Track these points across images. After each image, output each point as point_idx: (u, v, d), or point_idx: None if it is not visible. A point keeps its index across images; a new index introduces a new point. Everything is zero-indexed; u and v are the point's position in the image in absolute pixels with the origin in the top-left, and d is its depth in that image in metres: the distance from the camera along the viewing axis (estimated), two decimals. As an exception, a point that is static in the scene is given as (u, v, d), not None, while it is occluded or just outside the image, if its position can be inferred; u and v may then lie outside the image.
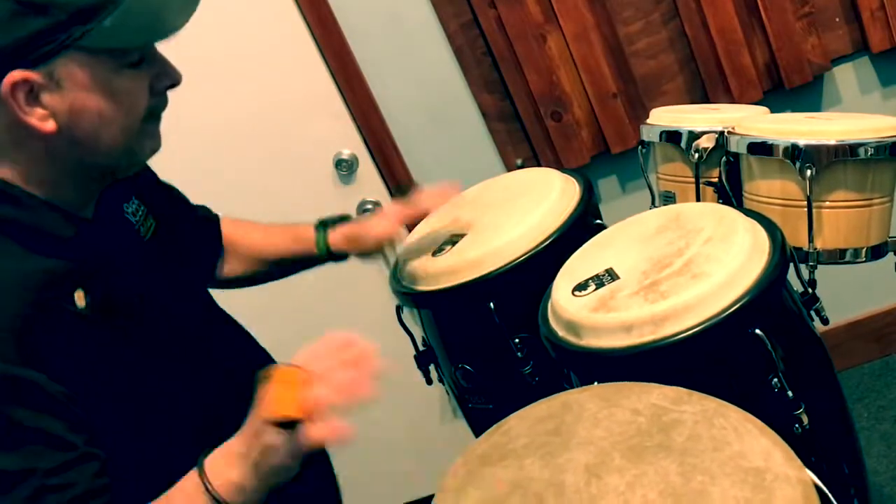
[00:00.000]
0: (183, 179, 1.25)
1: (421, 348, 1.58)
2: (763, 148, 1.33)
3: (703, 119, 1.55)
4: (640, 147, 1.71)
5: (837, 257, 1.35)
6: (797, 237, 1.33)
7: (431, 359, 1.57)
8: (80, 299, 0.96)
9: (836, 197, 1.31)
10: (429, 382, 1.60)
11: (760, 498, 0.75)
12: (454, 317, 1.46)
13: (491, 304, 1.35)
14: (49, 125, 0.94)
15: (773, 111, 1.62)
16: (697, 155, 1.48)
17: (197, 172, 1.24)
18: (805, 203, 1.30)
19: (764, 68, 2.07)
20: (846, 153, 1.28)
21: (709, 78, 2.08)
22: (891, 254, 1.38)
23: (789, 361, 1.08)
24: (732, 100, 2.07)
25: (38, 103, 0.93)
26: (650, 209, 1.64)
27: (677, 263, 1.14)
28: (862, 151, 1.27)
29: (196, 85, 0.96)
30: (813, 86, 2.10)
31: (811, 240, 1.32)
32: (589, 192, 1.46)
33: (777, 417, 0.97)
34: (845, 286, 2.16)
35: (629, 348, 1.08)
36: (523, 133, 2.16)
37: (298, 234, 1.46)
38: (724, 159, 1.46)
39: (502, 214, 1.46)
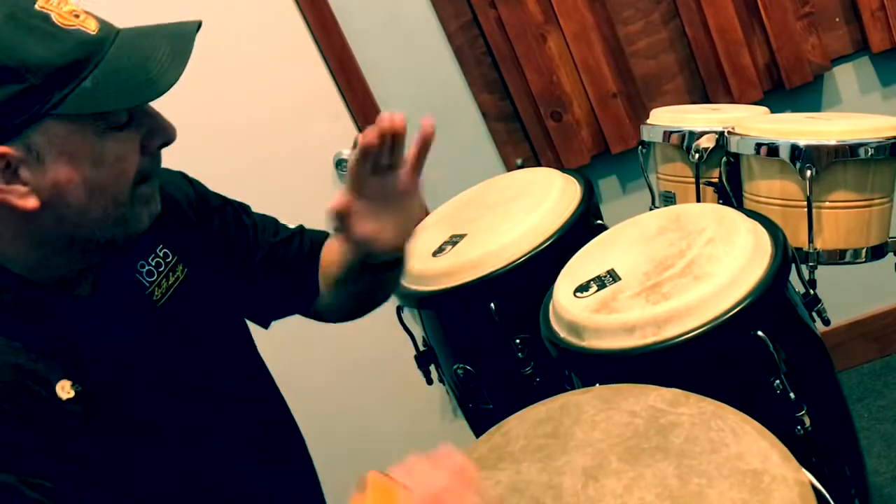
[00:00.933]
0: (183, 180, 1.24)
1: (421, 348, 1.58)
2: (763, 148, 1.33)
3: (704, 119, 1.55)
4: (641, 147, 1.71)
5: (837, 257, 1.35)
6: (797, 237, 1.33)
7: (432, 359, 1.57)
8: (64, 390, 0.86)
9: (837, 197, 1.31)
10: (429, 382, 1.60)
11: (758, 500, 0.75)
12: (455, 317, 1.46)
13: (492, 305, 1.35)
14: (31, 202, 0.82)
15: (773, 111, 1.62)
16: (698, 155, 1.48)
17: (197, 172, 1.23)
18: (805, 203, 1.30)
19: (764, 68, 2.07)
20: (846, 153, 1.28)
21: (709, 78, 2.08)
22: (891, 254, 1.38)
23: (791, 363, 1.08)
24: (732, 100, 2.07)
25: (17, 179, 0.81)
26: (650, 209, 1.64)
27: (679, 265, 1.14)
28: (862, 151, 1.27)
29: (196, 85, 0.94)
30: (813, 86, 2.09)
31: (811, 240, 1.32)
32: (589, 193, 1.46)
33: (779, 419, 0.97)
34: (845, 286, 2.16)
35: (631, 350, 1.08)
36: (523, 133, 2.16)
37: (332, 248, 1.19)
38: (725, 159, 1.46)
39: (503, 215, 1.45)
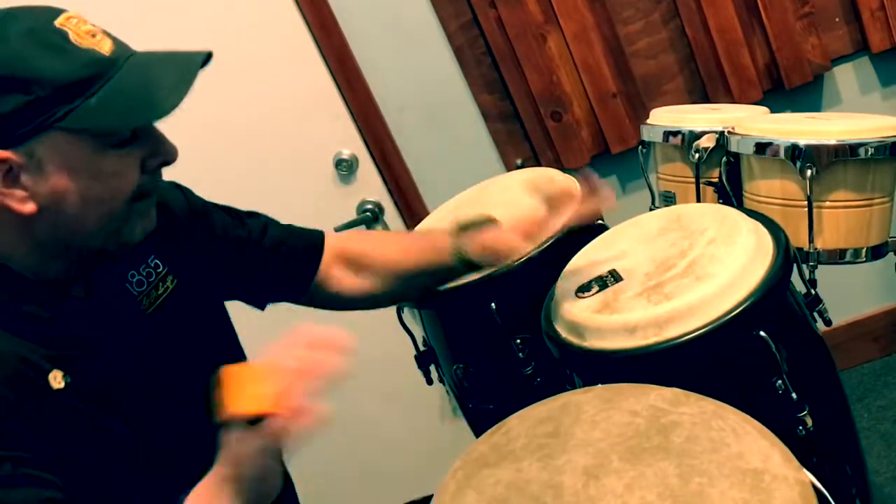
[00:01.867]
0: (183, 180, 1.24)
1: (421, 348, 1.58)
2: (764, 148, 1.33)
3: (704, 119, 1.55)
4: (641, 147, 1.71)
5: (838, 257, 1.35)
6: (797, 237, 1.33)
7: (432, 359, 1.57)
8: (56, 380, 0.90)
9: (837, 197, 1.31)
10: (429, 382, 1.60)
11: (759, 499, 0.75)
12: (456, 317, 1.46)
13: (493, 305, 1.35)
14: (28, 207, 0.87)
15: (773, 111, 1.62)
16: (698, 155, 1.48)
17: (197, 173, 1.24)
18: (805, 203, 1.30)
19: (764, 68, 2.07)
20: (846, 153, 1.28)
21: (709, 78, 2.08)
22: (891, 254, 1.38)
23: (793, 363, 1.08)
24: (732, 100, 2.07)
25: (17, 184, 0.86)
26: (650, 209, 1.64)
27: (681, 265, 1.14)
28: (862, 151, 1.27)
29: (196, 85, 0.94)
30: (813, 86, 2.09)
31: (811, 240, 1.32)
32: (589, 193, 1.46)
33: (781, 419, 0.97)
34: (845, 286, 2.16)
35: (633, 350, 1.08)
36: (523, 133, 2.16)
37: (435, 242, 1.31)
38: (725, 159, 1.46)
39: (503, 215, 1.45)
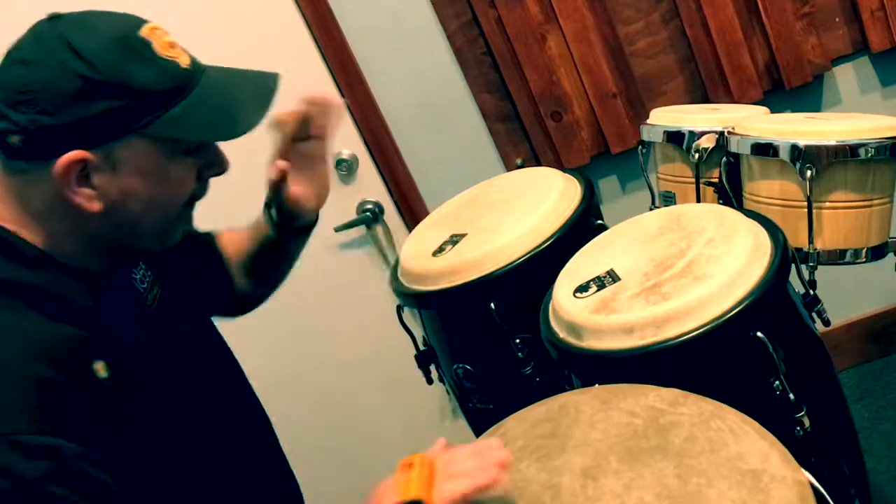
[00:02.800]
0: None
1: (421, 348, 1.58)
2: (763, 148, 1.33)
3: (704, 119, 1.55)
4: (641, 147, 1.71)
5: (837, 258, 1.35)
6: (797, 238, 1.33)
7: (432, 359, 1.57)
8: (102, 370, 0.92)
9: (837, 197, 1.31)
10: (429, 382, 1.60)
11: (757, 499, 0.75)
12: (455, 317, 1.46)
13: (492, 305, 1.35)
14: (95, 206, 0.90)
15: (773, 111, 1.62)
16: (698, 155, 1.48)
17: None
18: (805, 203, 1.30)
19: (764, 68, 2.07)
20: (846, 153, 1.28)
21: (709, 78, 2.08)
22: (891, 254, 1.38)
23: (791, 364, 1.08)
24: (732, 100, 2.07)
25: (88, 183, 0.89)
26: (650, 209, 1.64)
27: (679, 265, 1.14)
28: (862, 152, 1.27)
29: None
30: (813, 86, 2.09)
31: (811, 240, 1.32)
32: (590, 193, 1.46)
33: (779, 420, 0.97)
34: (845, 286, 2.16)
35: (630, 350, 1.08)
36: (523, 133, 2.16)
37: (256, 221, 1.29)
38: (725, 160, 1.46)
39: (503, 215, 1.45)
